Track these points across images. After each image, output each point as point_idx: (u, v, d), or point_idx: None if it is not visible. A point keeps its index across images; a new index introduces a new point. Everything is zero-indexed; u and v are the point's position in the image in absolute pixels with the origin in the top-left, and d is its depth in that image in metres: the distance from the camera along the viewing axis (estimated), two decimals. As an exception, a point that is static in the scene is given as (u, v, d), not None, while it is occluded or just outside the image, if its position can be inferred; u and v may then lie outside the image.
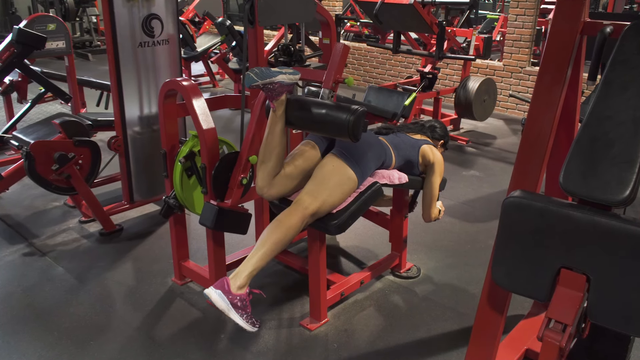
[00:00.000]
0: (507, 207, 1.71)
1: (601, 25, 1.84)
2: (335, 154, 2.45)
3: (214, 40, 7.42)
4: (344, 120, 2.21)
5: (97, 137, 4.21)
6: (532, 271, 1.69)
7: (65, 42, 4.43)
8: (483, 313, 2.02)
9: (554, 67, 1.86)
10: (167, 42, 3.59)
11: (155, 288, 2.98)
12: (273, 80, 2.26)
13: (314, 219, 2.34)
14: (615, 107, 1.65)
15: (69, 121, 3.38)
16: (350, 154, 2.45)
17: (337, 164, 2.41)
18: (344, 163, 2.41)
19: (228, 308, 2.13)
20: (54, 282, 3.04)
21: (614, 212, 1.59)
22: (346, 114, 2.21)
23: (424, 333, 2.63)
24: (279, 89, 2.29)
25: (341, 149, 2.48)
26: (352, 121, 2.20)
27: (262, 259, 2.24)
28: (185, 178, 2.70)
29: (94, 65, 9.73)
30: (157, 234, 3.60)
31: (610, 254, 1.53)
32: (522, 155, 1.93)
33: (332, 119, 2.25)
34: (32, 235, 3.57)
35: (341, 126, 2.23)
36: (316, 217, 2.34)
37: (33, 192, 4.18)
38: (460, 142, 5.65)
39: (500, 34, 9.00)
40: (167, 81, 2.69)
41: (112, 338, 2.57)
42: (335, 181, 2.37)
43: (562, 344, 1.58)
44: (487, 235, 3.60)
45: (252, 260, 2.23)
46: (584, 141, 1.66)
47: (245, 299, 2.17)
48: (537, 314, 2.60)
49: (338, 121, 2.23)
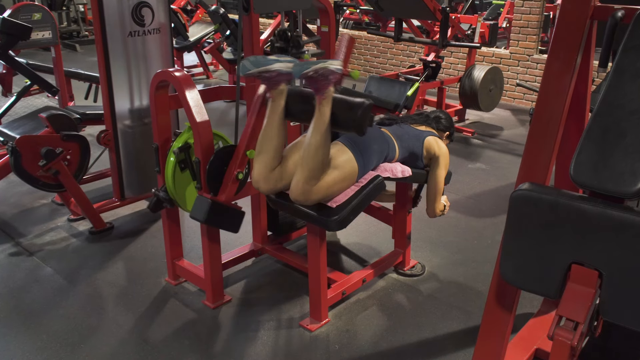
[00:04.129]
0: (516, 201, 1.71)
1: (612, 10, 1.83)
2: (340, 141, 2.46)
3: (207, 29, 7.40)
4: (351, 114, 2.20)
5: (86, 132, 4.21)
6: (541, 267, 1.69)
7: (52, 32, 4.41)
8: (491, 311, 2.02)
9: (563, 54, 1.86)
10: (158, 31, 3.58)
11: (148, 288, 2.98)
12: (269, 69, 2.24)
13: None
14: (628, 95, 1.65)
15: (56, 115, 3.38)
16: (355, 143, 2.46)
17: (340, 147, 2.42)
18: (347, 149, 2.42)
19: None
20: (42, 283, 3.04)
21: (627, 204, 1.59)
22: (353, 108, 2.20)
23: (429, 333, 2.63)
24: (277, 78, 2.27)
25: (345, 137, 2.48)
26: (360, 115, 2.19)
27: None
28: (178, 172, 2.70)
29: (81, 56, 9.71)
30: (149, 232, 3.60)
31: (623, 248, 1.54)
32: (531, 147, 1.93)
33: (337, 112, 2.24)
34: (19, 234, 3.57)
35: (347, 120, 2.22)
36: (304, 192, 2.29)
37: (19, 189, 4.18)
38: (466, 133, 5.65)
39: (506, 20, 8.98)
40: (159, 72, 2.68)
41: (104, 341, 2.57)
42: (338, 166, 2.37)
43: (573, 343, 1.59)
44: (494, 231, 3.61)
45: None
46: (595, 131, 1.66)
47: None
48: (547, 312, 2.60)
49: (344, 115, 2.22)
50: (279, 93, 2.31)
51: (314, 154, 2.23)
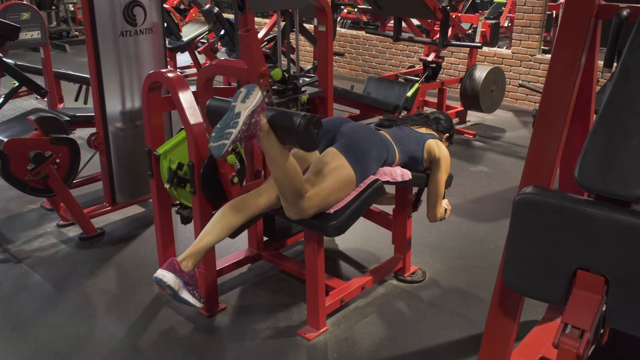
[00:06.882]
0: (519, 205, 1.71)
1: (617, 8, 1.83)
2: (335, 148, 2.46)
3: (201, 29, 7.40)
4: (295, 134, 2.11)
5: (76, 134, 4.20)
6: (546, 273, 1.69)
7: (41, 32, 4.40)
8: (494, 319, 2.02)
9: (567, 54, 1.86)
10: (150, 31, 3.57)
11: (140, 296, 2.97)
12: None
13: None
14: (634, 95, 1.65)
15: (45, 117, 3.37)
16: (351, 149, 2.45)
17: (334, 155, 2.43)
18: (341, 156, 2.42)
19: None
20: (31, 290, 3.03)
21: (633, 208, 1.59)
22: (294, 130, 2.10)
23: (431, 341, 2.63)
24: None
25: (342, 144, 2.48)
26: (302, 134, 2.11)
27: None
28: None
29: (71, 56, 9.70)
30: (141, 237, 3.59)
31: (630, 253, 1.53)
32: (534, 149, 1.93)
33: (281, 134, 2.16)
34: (7, 240, 3.56)
35: (293, 141, 2.15)
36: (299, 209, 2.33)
37: (7, 194, 4.17)
38: (467, 135, 5.66)
39: (508, 19, 9.00)
40: (151, 73, 2.68)
41: (94, 350, 2.56)
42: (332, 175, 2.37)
43: (579, 351, 1.58)
44: (497, 236, 3.61)
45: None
46: (600, 133, 1.66)
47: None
48: (552, 320, 2.60)
49: (289, 137, 2.15)
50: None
51: (284, 183, 2.26)
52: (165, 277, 2.24)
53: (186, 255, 2.32)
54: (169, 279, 2.24)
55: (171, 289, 2.25)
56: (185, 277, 2.28)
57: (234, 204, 2.41)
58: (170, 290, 2.25)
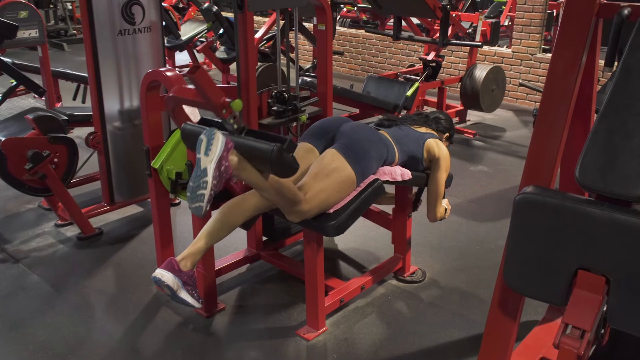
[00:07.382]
0: (519, 205, 1.71)
1: (618, 7, 1.83)
2: (335, 149, 2.46)
3: (200, 28, 7.39)
4: (269, 165, 2.08)
5: (74, 134, 4.20)
6: (546, 273, 1.69)
7: (39, 30, 4.40)
8: (494, 319, 2.02)
9: (567, 53, 1.86)
10: (149, 29, 3.57)
11: (138, 296, 2.97)
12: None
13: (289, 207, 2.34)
14: (635, 95, 1.65)
15: (43, 116, 3.37)
16: (351, 149, 2.46)
17: (333, 156, 2.42)
18: (341, 157, 2.42)
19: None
20: (28, 291, 3.03)
21: (634, 208, 1.59)
22: (268, 161, 2.06)
23: (431, 342, 2.63)
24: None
25: (342, 144, 2.48)
26: (276, 165, 2.07)
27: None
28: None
29: (69, 55, 9.70)
30: (140, 237, 3.59)
31: (631, 253, 1.53)
32: (535, 149, 1.93)
33: (257, 164, 2.14)
34: (4, 240, 3.55)
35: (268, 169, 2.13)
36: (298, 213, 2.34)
37: (5, 193, 4.16)
38: (467, 135, 5.66)
39: (508, 18, 9.01)
40: (150, 72, 2.68)
41: (93, 351, 2.56)
42: (332, 176, 2.38)
43: (580, 352, 1.58)
44: (497, 235, 3.61)
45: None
46: (601, 133, 1.66)
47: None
48: (553, 320, 2.60)
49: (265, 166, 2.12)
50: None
51: (276, 200, 2.29)
52: (164, 277, 2.24)
53: (185, 255, 2.32)
54: (167, 279, 2.24)
55: (170, 289, 2.25)
56: (184, 277, 2.28)
57: (233, 204, 2.41)
58: (168, 290, 2.25)
